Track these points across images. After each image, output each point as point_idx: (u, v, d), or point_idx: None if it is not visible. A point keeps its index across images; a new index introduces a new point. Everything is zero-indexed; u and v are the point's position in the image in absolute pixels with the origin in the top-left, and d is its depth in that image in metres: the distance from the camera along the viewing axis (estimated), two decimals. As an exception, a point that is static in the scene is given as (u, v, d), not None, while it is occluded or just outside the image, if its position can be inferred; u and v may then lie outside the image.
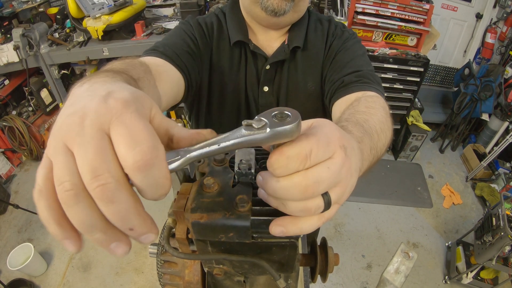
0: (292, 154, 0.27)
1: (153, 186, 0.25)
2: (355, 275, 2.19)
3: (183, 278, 0.47)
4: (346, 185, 0.31)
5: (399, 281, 0.54)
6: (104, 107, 0.25)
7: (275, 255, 0.37)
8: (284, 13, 0.72)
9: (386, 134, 0.54)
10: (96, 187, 0.23)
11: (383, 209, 2.66)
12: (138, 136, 0.24)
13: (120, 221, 0.24)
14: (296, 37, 0.82)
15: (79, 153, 0.23)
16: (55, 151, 0.24)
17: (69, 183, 0.23)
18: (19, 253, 2.04)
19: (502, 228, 1.70)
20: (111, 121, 0.24)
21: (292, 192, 0.28)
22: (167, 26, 2.66)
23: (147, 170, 0.24)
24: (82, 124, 0.24)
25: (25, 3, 2.75)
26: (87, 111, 0.25)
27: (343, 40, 0.83)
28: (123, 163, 0.24)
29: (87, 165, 0.23)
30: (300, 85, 0.86)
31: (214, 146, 0.29)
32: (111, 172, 0.23)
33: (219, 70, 0.84)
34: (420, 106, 3.05)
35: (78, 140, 0.23)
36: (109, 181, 0.23)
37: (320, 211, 0.30)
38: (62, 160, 0.24)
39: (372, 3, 2.53)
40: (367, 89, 0.69)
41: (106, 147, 0.24)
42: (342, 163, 0.29)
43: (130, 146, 0.23)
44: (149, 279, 2.14)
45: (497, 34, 3.13)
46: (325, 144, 0.28)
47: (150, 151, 0.24)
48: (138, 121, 0.25)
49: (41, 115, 3.03)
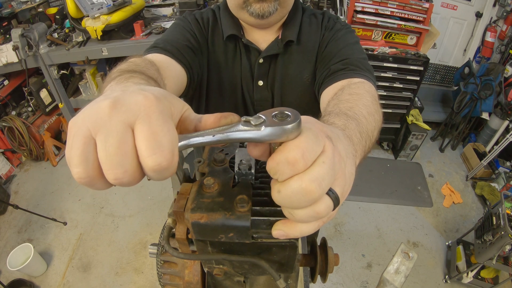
0: (282, 159, 0.27)
1: (161, 178, 0.27)
2: (355, 275, 2.19)
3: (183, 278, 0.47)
4: (344, 174, 0.31)
5: (399, 281, 0.54)
6: (134, 102, 0.26)
7: (275, 255, 0.37)
8: (270, 14, 0.73)
9: (375, 116, 0.53)
10: (113, 178, 0.25)
11: (383, 208, 2.66)
12: (160, 140, 0.25)
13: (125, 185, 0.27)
14: (289, 32, 0.82)
15: (101, 142, 0.25)
16: (77, 134, 0.25)
17: (83, 172, 0.25)
18: (19, 254, 2.04)
19: (503, 227, 1.70)
20: (138, 116, 0.25)
21: (297, 200, 0.27)
22: (166, 26, 2.66)
23: (162, 172, 0.26)
24: (110, 114, 0.25)
25: (24, 3, 2.74)
26: (118, 103, 0.26)
27: (334, 31, 0.84)
28: (142, 161, 0.25)
29: (105, 155, 0.25)
30: (296, 78, 0.86)
31: (209, 136, 0.29)
32: (128, 169, 0.25)
33: (216, 65, 0.85)
34: (420, 105, 3.05)
35: (103, 130, 0.25)
36: (123, 176, 0.25)
37: (331, 210, 0.29)
38: (82, 144, 0.25)
39: (371, 2, 2.52)
40: (353, 76, 0.68)
41: (128, 141, 0.25)
42: (333, 153, 0.29)
43: (152, 148, 0.25)
44: (149, 279, 2.14)
45: (497, 32, 3.13)
46: (314, 141, 0.28)
47: (168, 158, 0.25)
48: (163, 124, 0.26)
49: (40, 115, 3.03)
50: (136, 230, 2.45)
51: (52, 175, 2.95)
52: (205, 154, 0.44)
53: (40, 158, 3.06)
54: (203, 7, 2.53)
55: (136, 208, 2.62)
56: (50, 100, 3.01)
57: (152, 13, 3.01)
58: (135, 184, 0.27)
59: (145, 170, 0.26)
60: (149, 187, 2.80)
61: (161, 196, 2.72)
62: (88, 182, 0.26)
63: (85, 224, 2.51)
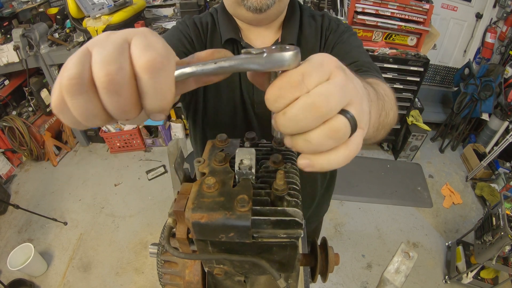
0: (282, 83, 0.26)
1: (157, 91, 0.25)
2: (355, 275, 2.19)
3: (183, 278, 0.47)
4: (360, 102, 0.29)
5: (399, 281, 0.54)
6: (129, 29, 0.27)
7: (276, 255, 0.37)
8: (268, 7, 0.72)
9: (391, 101, 0.52)
10: (104, 75, 0.23)
11: (383, 208, 2.66)
12: (154, 44, 0.25)
13: (119, 113, 0.25)
14: (289, 35, 0.82)
15: (96, 50, 0.24)
16: (75, 54, 0.25)
17: (75, 73, 0.24)
18: (19, 253, 2.04)
19: (502, 227, 1.70)
20: (135, 34, 0.26)
21: (304, 117, 0.26)
22: (167, 26, 2.66)
23: (155, 72, 0.24)
24: (107, 36, 0.26)
25: (25, 3, 2.75)
26: (113, 32, 0.27)
27: (339, 34, 0.83)
28: (135, 62, 0.24)
29: (100, 57, 0.24)
30: None
31: (211, 64, 0.29)
32: (122, 66, 0.24)
33: None
34: (420, 106, 3.05)
35: (100, 44, 0.25)
36: (116, 72, 0.24)
37: (349, 131, 0.27)
38: (78, 55, 0.25)
39: (372, 3, 2.53)
40: (368, 76, 0.69)
41: (123, 48, 0.25)
42: (345, 80, 0.27)
43: (145, 49, 0.25)
44: (149, 279, 2.14)
45: (497, 33, 3.13)
46: (317, 65, 0.27)
47: (162, 56, 0.25)
48: (158, 38, 0.27)
49: (41, 116, 3.03)
50: (136, 230, 2.45)
51: (53, 175, 2.96)
52: (205, 154, 0.44)
53: (41, 158, 3.06)
54: (204, 8, 2.53)
55: (136, 208, 2.62)
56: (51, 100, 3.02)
57: (153, 13, 3.02)
58: (127, 98, 0.25)
59: (137, 71, 0.24)
60: (150, 188, 2.80)
61: (161, 196, 2.72)
62: (77, 86, 0.23)
63: (86, 224, 2.51)
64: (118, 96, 0.24)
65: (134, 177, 2.92)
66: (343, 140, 0.27)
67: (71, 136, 3.24)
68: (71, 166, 3.08)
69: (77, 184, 2.87)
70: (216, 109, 0.87)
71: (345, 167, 0.34)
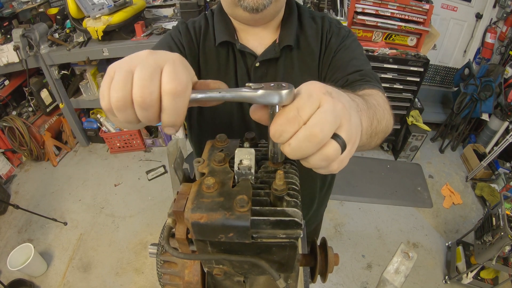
0: (282, 120, 0.32)
1: (174, 110, 0.34)
2: (355, 275, 2.18)
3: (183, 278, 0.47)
4: (349, 120, 0.34)
5: (399, 281, 0.54)
6: (164, 54, 0.36)
7: (275, 255, 0.37)
8: (265, 7, 0.72)
9: (384, 111, 0.57)
10: (140, 97, 0.33)
11: (383, 209, 2.66)
12: (179, 75, 0.34)
13: (145, 120, 0.35)
14: (287, 36, 0.82)
15: (138, 72, 0.33)
16: (120, 69, 0.34)
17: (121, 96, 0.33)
18: (19, 254, 2.04)
19: (502, 228, 1.70)
20: (166, 62, 0.34)
21: (305, 147, 0.32)
22: (167, 27, 2.66)
23: (176, 97, 0.33)
24: (146, 58, 0.35)
25: (25, 3, 2.75)
26: (151, 54, 0.36)
27: (341, 38, 0.83)
28: (163, 86, 0.33)
29: (139, 82, 0.33)
30: (297, 83, 0.85)
31: (215, 92, 0.36)
32: (153, 91, 0.33)
33: (207, 72, 0.84)
34: (420, 106, 3.05)
35: (141, 66, 0.34)
36: (149, 96, 0.33)
37: (340, 153, 0.33)
38: (123, 75, 0.34)
39: (372, 3, 2.53)
40: (371, 87, 0.69)
41: (157, 73, 0.34)
42: (333, 104, 0.33)
43: (173, 78, 0.33)
44: (149, 279, 2.14)
45: (497, 34, 3.13)
46: (307, 97, 0.33)
47: (184, 85, 0.34)
48: (182, 68, 0.35)
49: (41, 116, 3.03)
50: (136, 231, 2.45)
51: (53, 175, 2.96)
52: (205, 154, 0.44)
53: (41, 158, 3.06)
54: (204, 8, 2.53)
55: (136, 209, 2.62)
56: (51, 100, 3.02)
57: (153, 13, 3.02)
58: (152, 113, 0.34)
59: (163, 94, 0.33)
60: (150, 188, 2.80)
61: (161, 197, 2.72)
62: (122, 106, 0.33)
63: (86, 224, 2.51)
64: (146, 112, 0.34)
65: (134, 177, 2.92)
66: (335, 160, 0.34)
67: (71, 136, 3.24)
68: (71, 166, 3.08)
69: (77, 184, 2.87)
70: (212, 111, 0.87)
71: (345, 167, 0.39)
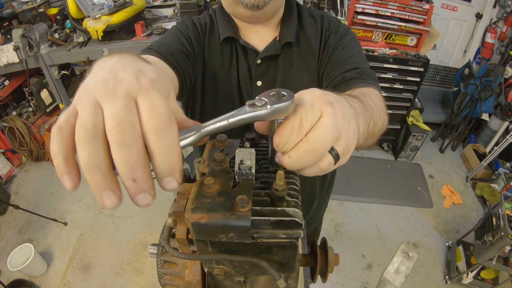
0: (287, 131, 0.33)
1: (164, 151, 0.27)
2: (355, 275, 2.18)
3: (183, 278, 0.47)
4: (347, 133, 0.35)
5: (399, 281, 0.54)
6: (135, 81, 0.29)
7: (275, 255, 0.37)
8: (265, 4, 0.73)
9: (380, 111, 0.58)
10: (117, 132, 0.25)
11: (383, 209, 2.66)
12: (159, 109, 0.28)
13: (127, 167, 0.26)
14: (287, 33, 0.83)
15: (108, 105, 0.27)
16: (85, 103, 0.27)
17: (91, 124, 0.26)
18: (19, 254, 2.04)
19: (502, 228, 1.70)
20: (139, 92, 0.28)
21: (305, 160, 0.33)
22: (167, 27, 2.66)
23: (160, 133, 0.27)
24: (115, 87, 0.28)
25: (25, 3, 2.75)
26: (120, 79, 0.29)
27: (339, 36, 0.84)
28: (143, 124, 0.27)
29: (113, 115, 0.26)
30: (297, 80, 0.86)
31: (224, 121, 0.34)
32: (133, 125, 0.26)
33: (211, 68, 0.85)
34: (420, 106, 3.05)
35: (110, 98, 0.27)
36: (129, 130, 0.26)
37: (333, 165, 0.35)
38: (90, 109, 0.27)
39: (372, 3, 2.53)
40: (367, 85, 0.70)
41: (132, 107, 0.27)
42: (333, 115, 0.33)
43: (152, 113, 0.27)
44: (149, 279, 2.14)
45: (497, 34, 3.13)
46: (309, 108, 0.33)
47: (165, 120, 0.27)
48: (160, 99, 0.29)
49: (41, 116, 3.03)
50: (136, 231, 2.45)
51: (53, 176, 2.96)
52: (205, 155, 0.44)
53: (41, 159, 3.06)
54: (204, 8, 2.53)
55: (136, 209, 2.62)
56: (51, 101, 3.02)
57: (153, 13, 3.01)
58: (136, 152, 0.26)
59: (145, 133, 0.27)
60: (149, 188, 2.80)
61: (161, 197, 2.72)
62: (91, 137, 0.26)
63: (86, 224, 2.51)
64: (127, 149, 0.25)
65: (134, 177, 2.91)
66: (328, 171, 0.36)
67: (71, 137, 3.24)
68: (71, 166, 3.08)
69: (77, 184, 2.86)
70: (214, 107, 0.88)
71: (345, 167, 0.39)
